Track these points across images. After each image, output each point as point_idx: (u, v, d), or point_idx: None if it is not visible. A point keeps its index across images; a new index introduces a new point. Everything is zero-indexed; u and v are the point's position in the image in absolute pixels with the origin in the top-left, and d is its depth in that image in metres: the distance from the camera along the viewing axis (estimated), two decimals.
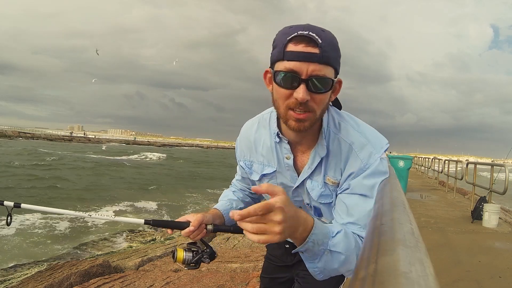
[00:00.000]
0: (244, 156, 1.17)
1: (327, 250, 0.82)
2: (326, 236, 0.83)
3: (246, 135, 1.16)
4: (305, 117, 0.88)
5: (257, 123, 1.13)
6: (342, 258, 0.84)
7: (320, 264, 0.83)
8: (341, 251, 0.84)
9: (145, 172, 24.93)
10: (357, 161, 0.96)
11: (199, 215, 1.09)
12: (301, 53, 0.84)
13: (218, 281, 3.19)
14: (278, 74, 0.87)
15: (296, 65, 0.84)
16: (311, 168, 1.01)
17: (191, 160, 43.21)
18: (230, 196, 1.29)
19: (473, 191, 6.74)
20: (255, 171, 1.14)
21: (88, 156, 35.67)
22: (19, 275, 5.02)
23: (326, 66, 0.85)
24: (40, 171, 19.81)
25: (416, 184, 11.97)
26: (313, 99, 0.87)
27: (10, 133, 75.41)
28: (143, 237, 7.66)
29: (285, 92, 0.88)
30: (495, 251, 4.05)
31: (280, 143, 1.04)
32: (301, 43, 0.84)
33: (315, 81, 0.85)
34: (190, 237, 1.08)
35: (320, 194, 1.03)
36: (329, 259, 0.83)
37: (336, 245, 0.83)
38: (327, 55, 0.85)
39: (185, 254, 1.11)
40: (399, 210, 0.64)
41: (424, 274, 0.35)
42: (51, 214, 8.86)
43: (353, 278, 0.39)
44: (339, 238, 0.85)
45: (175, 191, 16.09)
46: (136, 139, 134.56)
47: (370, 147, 0.97)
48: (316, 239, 0.80)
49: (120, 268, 3.93)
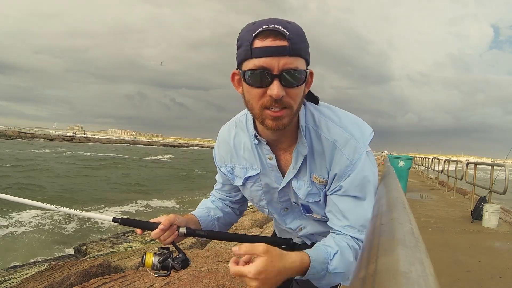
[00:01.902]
0: (225, 162, 1.12)
1: (328, 273, 0.87)
2: (324, 262, 0.87)
3: (224, 140, 1.11)
4: (282, 114, 0.85)
5: (235, 126, 1.09)
6: (342, 274, 0.90)
7: (324, 281, 0.89)
8: (341, 270, 0.89)
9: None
10: (342, 159, 0.94)
11: (171, 216, 1.03)
12: (269, 48, 0.80)
13: (218, 281, 3.19)
14: (247, 73, 0.83)
15: (266, 61, 0.80)
16: (296, 168, 0.99)
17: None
18: (208, 204, 1.23)
19: (473, 191, 6.74)
20: (238, 175, 1.10)
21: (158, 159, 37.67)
22: (19, 275, 5.02)
23: (297, 58, 0.82)
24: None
25: (416, 184, 11.97)
26: (288, 94, 0.83)
27: (10, 133, 75.37)
28: (143, 237, 7.65)
29: (258, 91, 0.84)
30: (495, 251, 4.05)
31: (259, 144, 1.00)
32: (268, 37, 0.80)
33: (288, 75, 0.81)
34: (161, 239, 1.01)
35: (308, 193, 1.01)
36: (332, 278, 0.88)
37: (335, 267, 0.88)
38: (297, 46, 0.81)
39: (154, 258, 1.00)
40: (399, 210, 0.64)
41: (424, 274, 0.35)
42: (32, 208, 8.89)
43: (353, 278, 0.39)
44: (337, 260, 0.88)
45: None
46: (136, 139, 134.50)
47: (353, 142, 0.94)
48: (315, 271, 0.85)
49: (120, 268, 3.93)
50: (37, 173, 19.29)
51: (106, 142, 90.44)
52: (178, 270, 1.02)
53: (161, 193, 15.66)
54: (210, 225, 1.17)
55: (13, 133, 76.35)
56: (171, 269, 1.02)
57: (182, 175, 24.66)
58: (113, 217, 1.07)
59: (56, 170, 21.35)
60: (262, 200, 1.12)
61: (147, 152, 57.67)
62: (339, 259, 0.89)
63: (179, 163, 38.45)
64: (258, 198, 1.12)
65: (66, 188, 15.15)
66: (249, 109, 0.90)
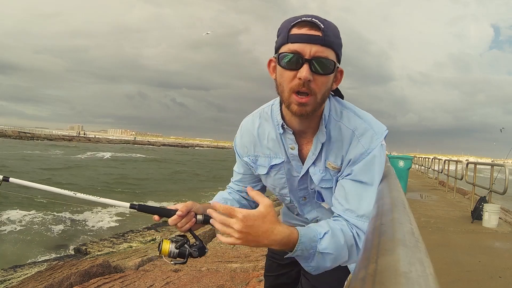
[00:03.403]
0: (248, 152, 1.15)
1: (317, 252, 0.88)
2: (314, 240, 0.87)
3: (248, 130, 1.15)
4: (307, 101, 0.90)
5: (259, 117, 1.13)
6: (332, 257, 0.89)
7: (313, 263, 0.89)
8: (331, 251, 0.89)
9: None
10: (358, 147, 0.99)
11: (189, 202, 1.04)
12: (304, 35, 0.88)
13: (218, 281, 3.19)
14: (282, 56, 0.90)
15: (300, 47, 0.88)
16: (314, 155, 1.03)
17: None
18: (225, 195, 1.25)
19: (473, 191, 6.74)
20: (261, 165, 1.13)
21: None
22: (19, 275, 5.02)
23: (328, 49, 0.89)
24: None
25: (416, 184, 11.97)
26: (315, 81, 0.89)
27: (10, 133, 75.39)
28: (143, 237, 7.66)
29: (289, 74, 0.90)
30: (495, 251, 4.05)
31: (284, 134, 1.05)
32: (304, 27, 0.88)
33: (317, 61, 0.88)
34: (178, 225, 1.01)
35: (321, 179, 1.05)
36: (321, 259, 0.89)
37: (325, 247, 0.88)
38: (329, 39, 0.89)
39: (171, 246, 1.00)
40: (399, 210, 0.64)
41: (424, 274, 0.35)
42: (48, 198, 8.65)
43: (353, 278, 0.39)
44: (327, 240, 0.89)
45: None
46: (136, 139, 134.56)
47: (371, 132, 0.99)
48: (304, 247, 0.86)
49: (120, 268, 3.93)
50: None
51: (106, 142, 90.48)
52: (195, 257, 1.02)
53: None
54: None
55: (13, 133, 76.35)
56: (188, 256, 1.01)
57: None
58: (130, 203, 1.08)
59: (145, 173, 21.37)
60: (285, 188, 1.15)
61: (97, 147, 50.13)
62: (330, 240, 0.89)
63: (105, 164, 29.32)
64: (281, 186, 1.15)
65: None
66: (280, 92, 0.96)
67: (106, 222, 9.47)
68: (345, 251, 0.92)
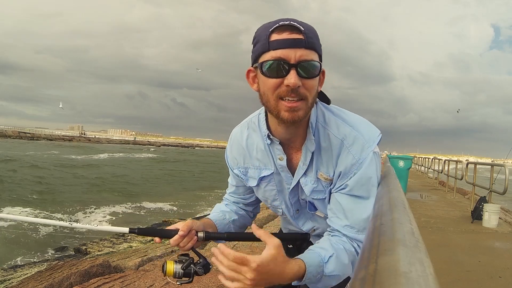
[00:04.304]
0: (238, 164, 1.12)
1: (324, 276, 0.88)
2: (320, 266, 0.88)
3: (237, 141, 1.12)
4: (298, 105, 0.86)
5: (247, 128, 1.09)
6: (338, 277, 0.91)
7: (320, 285, 0.90)
8: (337, 273, 0.90)
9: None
10: (349, 157, 0.95)
11: (188, 221, 1.03)
12: (287, 40, 0.83)
13: (218, 281, 3.19)
14: (264, 64, 0.85)
15: (284, 52, 0.83)
16: (305, 165, 1.00)
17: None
18: (222, 208, 1.22)
19: (473, 191, 6.74)
20: (251, 176, 1.11)
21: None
22: (19, 275, 5.02)
23: (312, 51, 0.86)
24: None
25: (416, 184, 11.96)
26: (304, 85, 0.85)
27: (10, 133, 75.37)
28: (143, 237, 7.65)
29: (274, 81, 0.85)
30: (495, 251, 4.05)
31: (272, 144, 1.01)
32: (285, 31, 0.84)
33: (304, 65, 0.84)
34: (180, 245, 1.00)
35: (312, 190, 1.02)
36: (327, 280, 0.90)
37: (332, 270, 0.89)
38: (312, 40, 0.85)
39: (175, 266, 0.99)
40: (399, 210, 0.64)
41: (424, 274, 0.35)
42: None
43: (353, 278, 0.39)
44: (332, 263, 0.89)
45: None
46: (136, 139, 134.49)
47: (362, 140, 0.95)
48: (311, 276, 0.86)
49: (120, 268, 3.93)
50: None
51: (106, 142, 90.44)
52: (201, 275, 1.00)
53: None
54: (226, 228, 1.16)
55: (13, 133, 76.35)
56: (193, 275, 1.00)
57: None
58: (130, 228, 1.07)
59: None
60: (276, 200, 1.12)
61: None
62: (335, 262, 0.90)
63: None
64: (272, 198, 1.12)
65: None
66: (264, 102, 0.91)
67: (105, 222, 9.45)
68: (350, 268, 0.93)
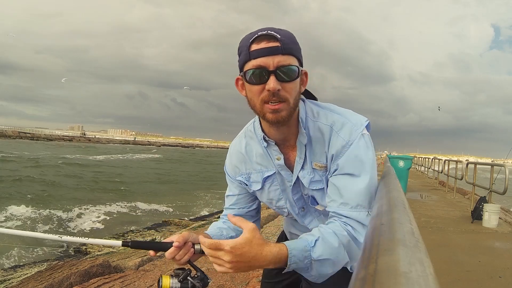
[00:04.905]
0: (240, 171, 1.16)
1: (313, 260, 0.88)
2: (306, 250, 0.88)
3: (236, 150, 1.17)
4: (280, 107, 0.93)
5: (244, 136, 1.15)
6: (330, 262, 0.90)
7: (313, 272, 0.89)
8: (327, 256, 0.89)
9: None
10: (338, 140, 1.00)
11: (184, 233, 1.00)
12: (264, 49, 0.91)
13: (218, 281, 3.19)
14: (247, 73, 0.94)
15: (263, 60, 0.91)
16: (301, 159, 1.05)
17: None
18: (219, 225, 1.21)
19: (473, 191, 6.74)
20: (255, 180, 1.14)
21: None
22: (19, 275, 5.02)
23: (289, 56, 0.92)
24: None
25: (416, 184, 11.97)
26: (284, 88, 0.92)
27: (10, 133, 75.41)
28: (143, 237, 7.66)
29: (257, 88, 0.93)
30: (495, 251, 4.05)
31: (268, 146, 1.07)
32: (262, 41, 0.92)
33: (282, 70, 0.91)
34: (176, 258, 0.97)
35: (310, 181, 1.06)
36: (319, 266, 0.89)
37: (320, 254, 0.88)
38: (288, 46, 0.92)
39: (171, 281, 0.94)
40: (399, 210, 0.64)
41: (424, 274, 0.35)
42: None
43: (353, 278, 0.39)
44: (319, 246, 0.89)
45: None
46: (136, 139, 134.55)
47: (349, 125, 1.01)
48: (297, 259, 0.86)
49: (120, 268, 3.93)
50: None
51: (106, 142, 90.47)
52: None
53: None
54: None
55: (13, 133, 76.38)
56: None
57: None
58: (123, 241, 1.06)
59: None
60: (281, 200, 1.15)
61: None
62: (322, 245, 0.89)
63: None
64: (277, 198, 1.15)
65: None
66: (252, 106, 0.98)
67: (82, 225, 9.36)
68: (343, 252, 0.92)
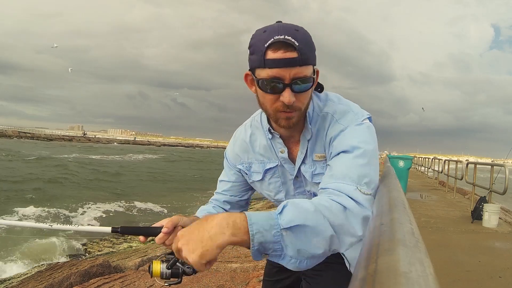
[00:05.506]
0: (241, 159, 1.15)
1: (283, 229, 0.70)
2: (271, 217, 0.71)
3: (241, 138, 1.16)
4: (292, 115, 0.94)
5: (250, 126, 1.15)
6: (308, 230, 0.72)
7: (290, 250, 0.71)
8: (300, 222, 0.71)
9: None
10: (336, 126, 0.99)
11: (174, 217, 0.97)
12: (281, 60, 0.86)
13: (218, 281, 3.19)
14: (261, 81, 0.90)
15: (279, 72, 0.87)
16: (303, 153, 1.04)
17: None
18: (209, 209, 1.18)
19: (473, 191, 6.74)
20: (256, 171, 1.14)
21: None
22: (19, 275, 5.02)
23: (306, 67, 0.89)
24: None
25: (416, 184, 11.96)
26: (298, 99, 0.91)
27: (10, 133, 75.43)
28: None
29: (271, 97, 0.92)
30: (495, 251, 4.05)
31: (273, 139, 1.07)
32: (279, 49, 0.86)
33: (298, 83, 0.89)
34: (166, 243, 0.94)
35: (312, 174, 1.05)
36: (294, 239, 0.71)
37: (290, 219, 0.70)
38: (306, 56, 0.88)
39: (162, 266, 0.93)
40: (399, 210, 0.64)
41: (424, 274, 0.35)
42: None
43: (353, 278, 0.39)
44: (288, 211, 0.72)
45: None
46: (136, 139, 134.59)
47: (351, 114, 1.00)
48: (260, 227, 0.68)
49: (120, 268, 3.93)
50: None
51: (106, 142, 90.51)
52: (190, 275, 0.94)
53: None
54: None
55: (13, 133, 76.39)
56: (181, 275, 0.93)
57: None
58: (112, 227, 1.00)
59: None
60: (281, 192, 1.14)
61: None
62: (292, 210, 0.72)
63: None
64: (276, 190, 1.14)
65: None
66: (264, 109, 0.99)
67: (103, 222, 9.43)
68: (322, 219, 0.74)
